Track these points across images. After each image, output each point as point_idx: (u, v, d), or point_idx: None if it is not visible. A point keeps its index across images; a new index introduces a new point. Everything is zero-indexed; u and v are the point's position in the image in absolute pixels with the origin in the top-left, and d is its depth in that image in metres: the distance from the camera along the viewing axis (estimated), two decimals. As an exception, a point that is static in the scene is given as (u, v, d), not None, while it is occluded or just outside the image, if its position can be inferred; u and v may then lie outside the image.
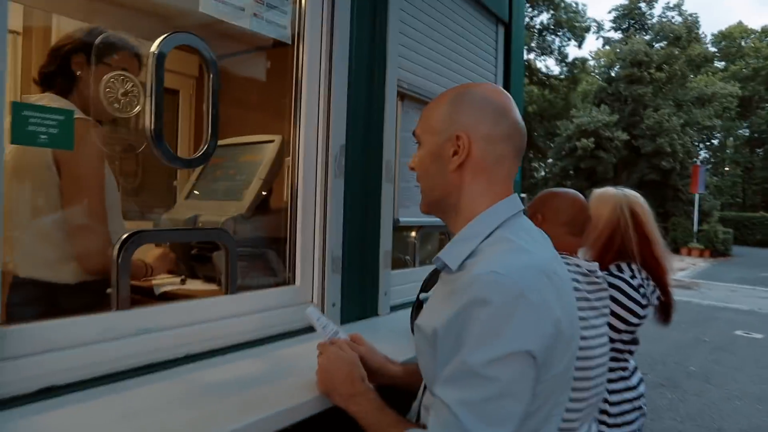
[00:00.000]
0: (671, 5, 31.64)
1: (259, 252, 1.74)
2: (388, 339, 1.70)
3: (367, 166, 1.84)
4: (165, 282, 1.68)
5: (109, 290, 1.20)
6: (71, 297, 1.33)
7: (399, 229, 2.18)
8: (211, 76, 1.34)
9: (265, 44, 2.17)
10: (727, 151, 34.70)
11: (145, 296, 1.58)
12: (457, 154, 1.00)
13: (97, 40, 1.34)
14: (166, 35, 1.24)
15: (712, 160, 35.82)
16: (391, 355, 1.50)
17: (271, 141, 1.87)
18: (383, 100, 1.89)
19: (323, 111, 1.66)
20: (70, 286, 1.33)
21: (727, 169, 34.90)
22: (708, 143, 35.00)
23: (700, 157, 32.42)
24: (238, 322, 1.42)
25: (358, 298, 1.83)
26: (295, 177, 1.66)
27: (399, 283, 2.07)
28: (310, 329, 1.64)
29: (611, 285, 1.81)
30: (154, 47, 1.22)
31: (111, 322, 1.17)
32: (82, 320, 1.13)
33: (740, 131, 34.79)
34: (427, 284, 1.35)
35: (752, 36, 36.08)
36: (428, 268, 2.36)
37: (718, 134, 33.70)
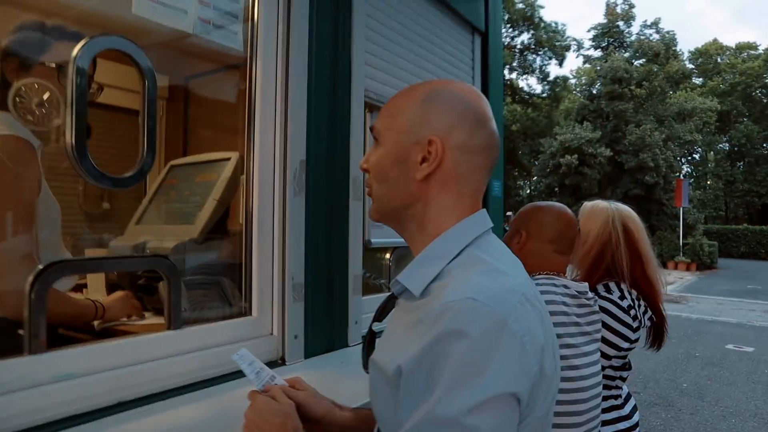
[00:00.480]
0: (648, 23, 32.21)
1: (212, 280, 1.58)
2: (360, 373, 1.54)
3: (332, 184, 1.69)
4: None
5: (20, 331, 1.04)
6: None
7: (371, 251, 2.03)
8: (147, 84, 1.19)
9: (220, 59, 2.04)
10: (709, 165, 35.10)
11: (85, 333, 1.41)
12: (426, 162, 0.87)
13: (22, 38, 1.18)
14: (89, 38, 1.09)
15: (694, 174, 36.22)
16: (363, 392, 1.34)
17: (227, 159, 1.73)
18: (349, 110, 1.75)
19: (280, 123, 1.52)
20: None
21: (709, 182, 35.28)
22: (689, 158, 35.42)
23: (683, 172, 32.77)
24: (182, 362, 1.25)
25: (325, 329, 1.67)
26: (250, 196, 1.51)
27: (372, 310, 1.90)
28: (270, 365, 1.47)
29: (600, 308, 1.66)
30: (75, 51, 1.07)
31: (23, 369, 1.00)
32: (-14, 368, 0.96)
33: (720, 145, 35.28)
34: (382, 312, 1.20)
35: (727, 53, 36.84)
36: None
37: (699, 149, 34.12)
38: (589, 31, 34.30)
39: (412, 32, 2.18)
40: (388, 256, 2.19)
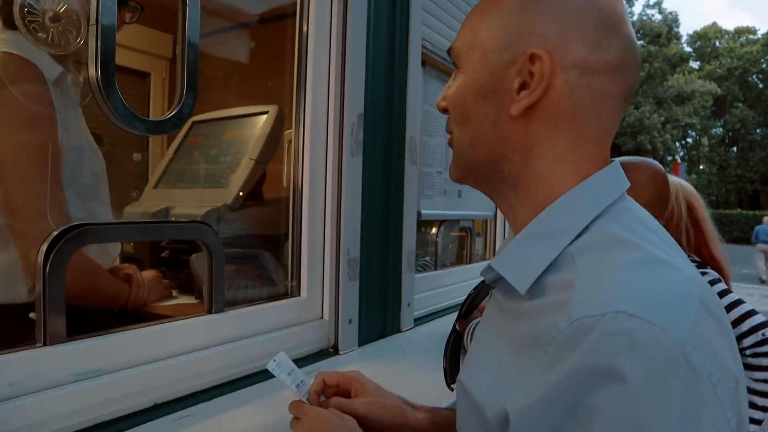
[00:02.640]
0: (651, 3, 31.81)
1: (251, 254, 1.34)
2: (418, 363, 1.32)
3: (390, 143, 1.44)
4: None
5: (32, 315, 0.79)
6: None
7: (419, 224, 1.79)
8: (187, 9, 0.93)
9: (254, 8, 1.78)
10: (702, 149, 35.05)
11: (106, 317, 1.17)
12: (526, 88, 0.59)
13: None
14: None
15: (688, 158, 36.20)
16: (423, 387, 1.12)
17: (264, 113, 1.47)
18: (407, 60, 1.50)
19: (336, 71, 1.26)
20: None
21: (702, 167, 35.27)
22: (683, 141, 35.30)
23: (680, 154, 32.72)
24: (228, 352, 1.02)
25: (379, 312, 1.44)
26: (299, 156, 1.26)
27: (421, 291, 1.68)
28: (321, 355, 1.25)
29: None
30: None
31: (38, 365, 0.76)
32: (-12, 363, 0.72)
33: (714, 130, 35.20)
34: (470, 307, 0.95)
35: (726, 37, 36.54)
36: (452, 273, 1.99)
37: (693, 132, 34.01)
38: (588, 10, 33.64)
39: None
40: (434, 230, 1.95)
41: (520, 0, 0.60)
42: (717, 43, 36.19)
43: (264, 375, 1.07)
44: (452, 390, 0.78)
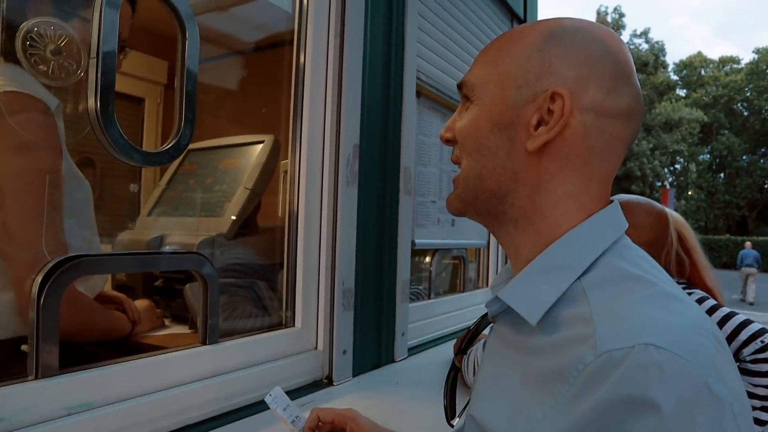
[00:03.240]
0: (638, 33, 32.53)
1: (245, 283, 1.33)
2: (413, 395, 1.31)
3: (384, 174, 1.45)
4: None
5: (24, 347, 0.78)
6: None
7: (412, 253, 1.79)
8: (187, 35, 0.95)
9: (251, 37, 1.80)
10: (691, 175, 35.53)
11: (96, 348, 1.16)
12: (545, 125, 0.61)
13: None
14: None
15: (676, 184, 36.63)
16: (420, 419, 1.11)
17: (260, 142, 1.48)
18: (401, 90, 1.52)
19: (332, 101, 1.28)
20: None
21: (690, 193, 35.69)
22: (671, 168, 35.77)
23: (669, 181, 33.10)
24: (222, 384, 1.00)
25: (373, 342, 1.43)
26: (295, 186, 1.26)
27: (415, 320, 1.67)
28: (315, 386, 1.24)
29: None
30: (102, -16, 0.82)
31: (28, 398, 0.75)
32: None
33: (701, 156, 35.71)
34: (470, 342, 0.95)
35: (711, 66, 37.34)
36: (445, 302, 1.99)
37: (681, 159, 34.49)
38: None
39: (460, 12, 1.95)
40: (428, 259, 1.95)
41: (541, 41, 0.63)
42: (702, 72, 36.97)
43: (258, 407, 1.06)
44: (452, 426, 0.78)
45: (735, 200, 33.40)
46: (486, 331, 1.99)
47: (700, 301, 1.53)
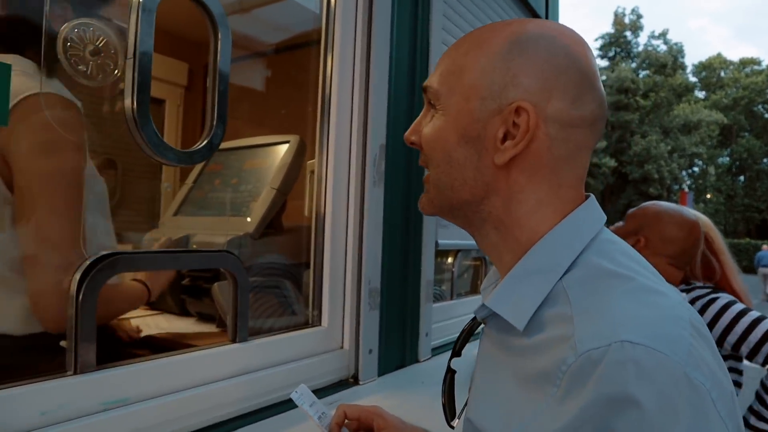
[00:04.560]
0: (656, 34, 32.20)
1: (272, 283, 1.34)
2: (439, 395, 1.31)
3: (410, 173, 1.46)
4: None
5: (63, 343, 0.80)
6: (15, 355, 0.90)
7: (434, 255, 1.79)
8: (219, 36, 0.96)
9: (278, 37, 1.82)
10: (710, 178, 35.06)
11: (129, 346, 1.17)
12: (511, 138, 0.61)
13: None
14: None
15: (694, 187, 36.17)
16: (436, 421, 1.10)
17: (286, 142, 1.49)
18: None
19: (359, 101, 1.28)
20: (13, 338, 0.91)
21: (709, 196, 35.21)
22: (689, 170, 35.35)
23: (686, 184, 32.72)
24: (251, 382, 1.01)
25: (399, 342, 1.43)
26: (322, 185, 1.27)
27: (438, 320, 1.67)
28: (341, 385, 1.24)
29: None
30: (140, -15, 0.84)
31: (68, 393, 0.76)
32: (23, 392, 0.72)
33: (721, 159, 35.24)
34: (463, 344, 0.94)
35: (731, 67, 36.84)
36: (467, 302, 1.98)
37: (700, 162, 34.06)
38: (596, 40, 34.12)
39: (483, 14, 1.95)
40: (450, 260, 1.95)
41: (505, 49, 0.62)
42: (722, 74, 36.48)
43: (286, 406, 1.07)
44: (452, 427, 0.78)
45: (755, 203, 32.88)
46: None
47: (727, 305, 1.51)
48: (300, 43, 1.70)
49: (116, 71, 0.87)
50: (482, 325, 0.73)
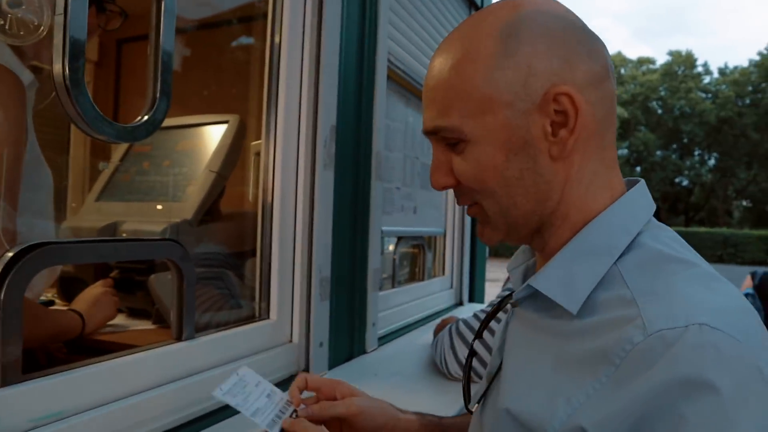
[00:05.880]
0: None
1: (214, 274, 1.24)
2: (395, 386, 1.27)
3: (358, 158, 1.39)
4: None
5: (-20, 350, 0.67)
6: None
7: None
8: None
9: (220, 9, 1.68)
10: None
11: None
12: (562, 126, 0.57)
13: None
14: None
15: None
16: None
17: (224, 122, 1.38)
18: (374, 71, 1.46)
19: (309, 82, 1.20)
20: None
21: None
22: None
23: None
24: (199, 384, 0.92)
25: (347, 333, 1.38)
26: (269, 169, 1.18)
27: (386, 307, 1.63)
28: (290, 381, 1.16)
29: None
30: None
31: (-14, 409, 0.64)
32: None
33: (620, 151, 37.70)
34: (486, 324, 0.91)
35: (630, 65, 39.37)
36: (412, 289, 1.95)
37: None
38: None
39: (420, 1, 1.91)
40: (391, 247, 1.91)
41: (500, 45, 0.57)
42: (622, 71, 38.92)
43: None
44: (471, 412, 0.75)
45: (650, 193, 35.49)
46: (456, 313, 1.98)
47: None
48: (243, 16, 1.58)
49: (41, 29, 0.74)
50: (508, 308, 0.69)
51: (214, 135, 1.37)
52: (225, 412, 0.95)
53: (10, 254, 0.69)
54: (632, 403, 0.48)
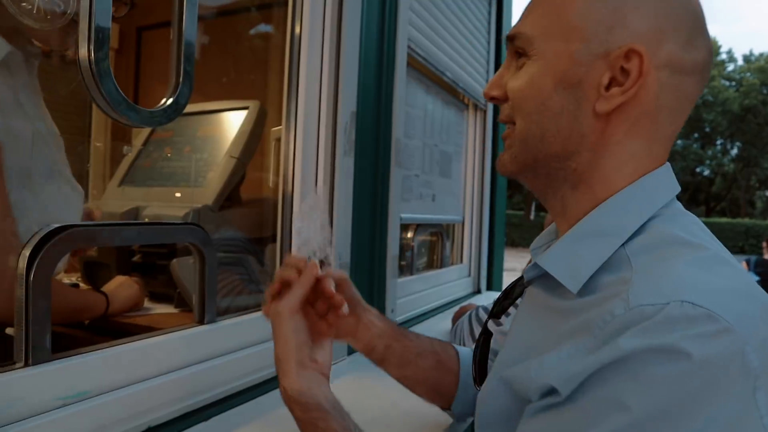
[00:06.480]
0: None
1: (235, 259, 1.25)
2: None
3: (378, 144, 1.39)
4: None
5: (9, 330, 0.69)
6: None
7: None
8: (187, -18, 0.85)
9: None
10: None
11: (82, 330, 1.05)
12: (617, 85, 0.55)
13: None
14: None
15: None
16: (410, 398, 1.08)
17: (244, 108, 1.38)
18: (394, 57, 1.45)
19: (329, 67, 1.19)
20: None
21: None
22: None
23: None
24: (222, 366, 0.93)
25: (366, 320, 1.38)
26: (290, 155, 1.18)
27: (405, 294, 1.64)
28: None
29: None
30: None
31: (18, 388, 0.66)
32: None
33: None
34: (502, 306, 0.91)
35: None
36: (430, 276, 1.96)
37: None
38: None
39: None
40: (410, 234, 1.91)
41: None
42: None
43: (259, 390, 1.00)
44: (478, 390, 0.75)
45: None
46: (474, 301, 1.98)
47: None
48: (264, 3, 1.58)
49: (68, 12, 0.74)
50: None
51: (234, 121, 1.38)
52: (246, 395, 0.96)
53: (39, 237, 0.70)
54: (596, 365, 0.47)
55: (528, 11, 0.62)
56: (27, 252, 0.68)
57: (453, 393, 0.87)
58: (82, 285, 1.30)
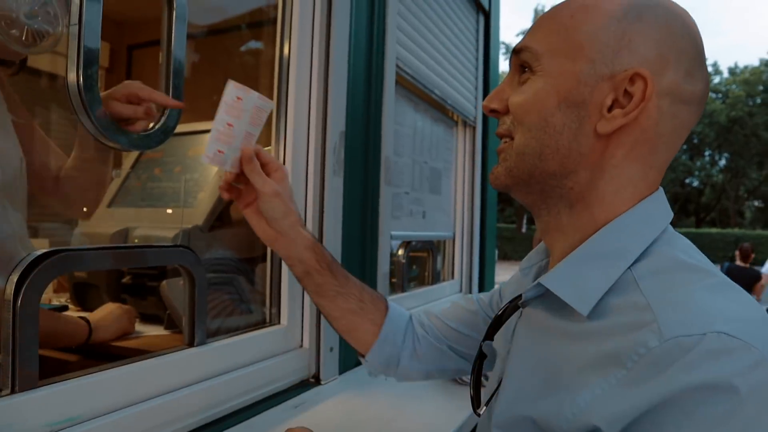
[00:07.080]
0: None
1: (225, 279, 1.25)
2: (406, 391, 1.27)
3: (368, 163, 1.40)
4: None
5: (-3, 357, 0.68)
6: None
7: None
8: (174, 3, 0.86)
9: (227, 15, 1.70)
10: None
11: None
12: (619, 107, 0.57)
13: None
14: None
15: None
16: (420, 416, 1.08)
17: (234, 128, 1.39)
18: (382, 76, 1.47)
19: (318, 87, 1.21)
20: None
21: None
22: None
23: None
24: (212, 389, 0.93)
25: (358, 338, 1.38)
26: (279, 174, 1.19)
27: (394, 314, 1.63)
28: (302, 386, 1.17)
29: None
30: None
31: (7, 414, 0.65)
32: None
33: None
34: (495, 327, 0.91)
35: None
36: (421, 293, 1.96)
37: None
38: (517, 36, 35.33)
39: (435, 2, 1.92)
40: (401, 251, 1.91)
41: (620, 11, 0.58)
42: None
43: (250, 412, 0.99)
44: (478, 415, 0.74)
45: (659, 194, 35.18)
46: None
47: None
48: (252, 22, 1.59)
49: (54, 40, 0.75)
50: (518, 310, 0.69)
51: (224, 141, 1.38)
52: (238, 416, 0.96)
53: (28, 261, 0.70)
54: (642, 405, 0.48)
55: (537, 27, 0.63)
56: (15, 277, 0.68)
57: (370, 342, 0.90)
58: (71, 307, 1.29)
